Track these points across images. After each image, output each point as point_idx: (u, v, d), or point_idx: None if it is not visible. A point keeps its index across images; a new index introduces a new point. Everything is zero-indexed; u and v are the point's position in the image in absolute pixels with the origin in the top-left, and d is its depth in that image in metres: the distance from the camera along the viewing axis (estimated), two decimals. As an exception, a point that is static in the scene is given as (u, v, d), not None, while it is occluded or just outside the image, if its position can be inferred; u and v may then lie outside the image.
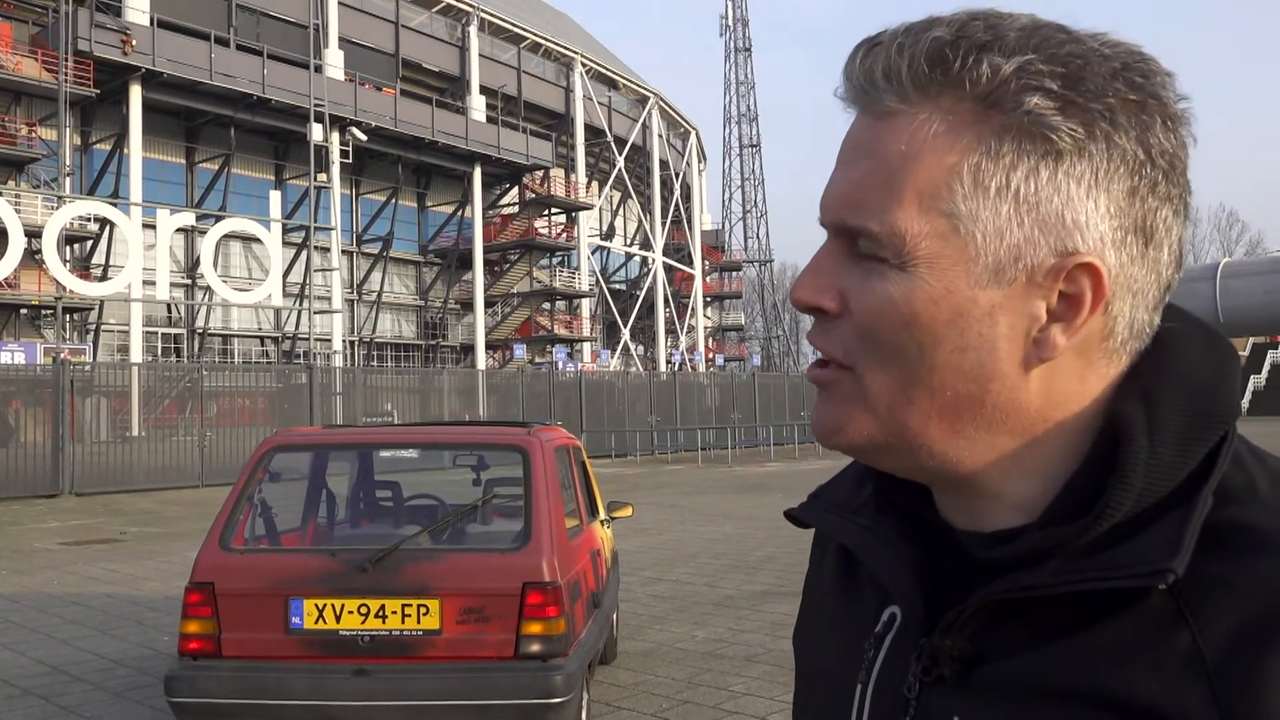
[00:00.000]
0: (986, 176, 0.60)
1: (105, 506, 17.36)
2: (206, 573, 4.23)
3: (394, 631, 4.14)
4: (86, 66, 31.42)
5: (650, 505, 15.62)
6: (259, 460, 4.61)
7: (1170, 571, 0.56)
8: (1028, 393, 0.62)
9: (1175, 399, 0.62)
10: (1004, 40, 0.60)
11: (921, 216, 0.61)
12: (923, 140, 0.61)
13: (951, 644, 0.64)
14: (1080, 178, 0.60)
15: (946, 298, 0.61)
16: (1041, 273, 0.60)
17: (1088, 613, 0.59)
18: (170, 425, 22.52)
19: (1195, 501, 0.58)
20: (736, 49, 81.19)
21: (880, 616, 0.72)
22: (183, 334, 39.18)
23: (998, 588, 0.62)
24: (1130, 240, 0.61)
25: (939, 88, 0.61)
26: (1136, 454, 0.60)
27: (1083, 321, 0.61)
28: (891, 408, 0.63)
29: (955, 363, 0.62)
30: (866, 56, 0.64)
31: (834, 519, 0.75)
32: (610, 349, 53.55)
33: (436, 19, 45.53)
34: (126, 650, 7.15)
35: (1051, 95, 0.59)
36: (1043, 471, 0.64)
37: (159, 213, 26.42)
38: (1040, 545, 0.61)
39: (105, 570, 10.72)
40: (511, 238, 48.35)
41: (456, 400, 28.36)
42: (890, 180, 0.62)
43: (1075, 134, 0.59)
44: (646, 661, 6.63)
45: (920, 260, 0.61)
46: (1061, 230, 0.60)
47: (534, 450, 4.54)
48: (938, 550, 0.69)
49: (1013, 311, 0.61)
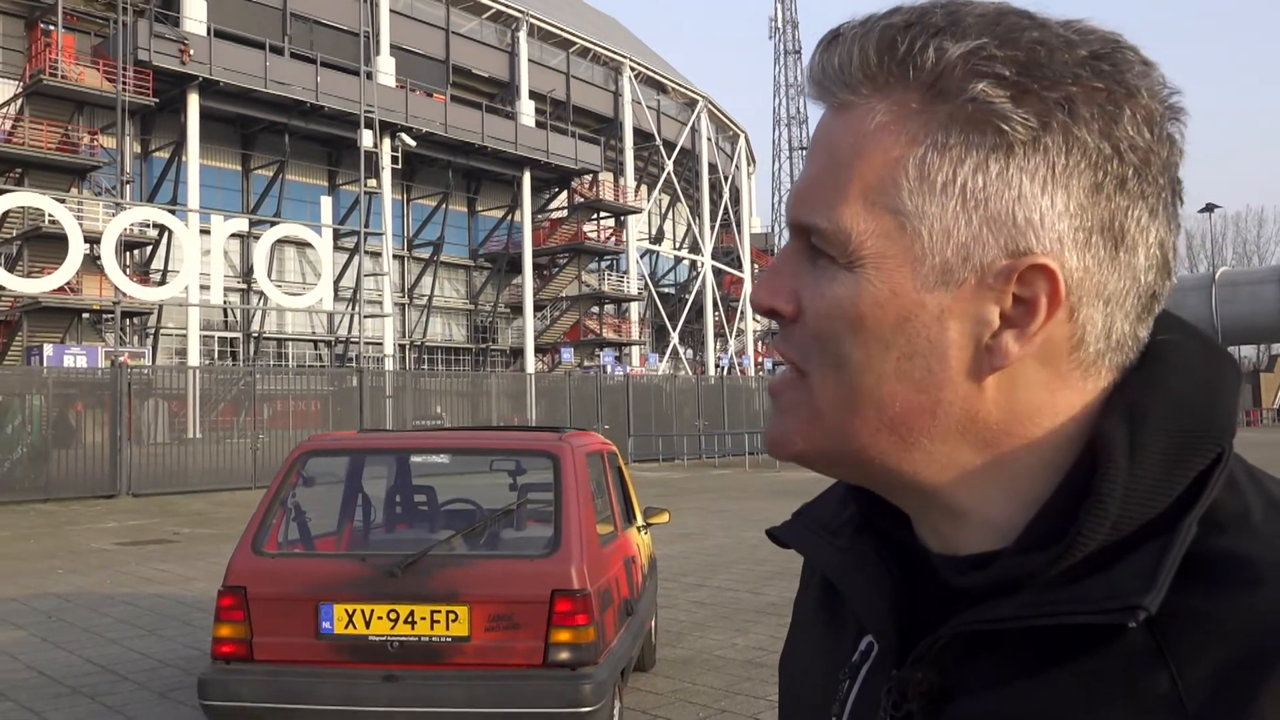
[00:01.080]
0: (933, 170, 0.56)
1: (161, 507, 17.71)
2: (239, 576, 4.25)
3: (423, 638, 4.13)
4: (146, 76, 32.14)
5: (695, 510, 15.55)
6: (292, 465, 4.63)
7: (1142, 609, 0.52)
8: (984, 403, 0.58)
9: (1162, 416, 0.57)
10: (960, 26, 0.56)
11: (867, 213, 0.57)
12: (868, 132, 0.57)
13: (921, 678, 0.59)
14: (1034, 172, 0.55)
15: (892, 300, 0.57)
16: (992, 274, 0.56)
17: (1063, 648, 0.55)
18: (225, 428, 22.93)
19: (1176, 530, 0.54)
20: (786, 51, 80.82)
21: (857, 645, 0.67)
22: (238, 338, 39.89)
23: (967, 619, 0.57)
24: (1096, 241, 0.56)
25: (888, 77, 0.57)
26: (1115, 476, 0.55)
27: (1038, 328, 0.56)
28: (840, 418, 0.59)
29: (904, 370, 0.58)
30: (827, 49, 0.60)
31: (814, 540, 0.71)
32: (659, 353, 53.51)
33: (486, 25, 45.90)
34: (173, 650, 7.25)
35: (1003, 82, 0.55)
36: (1017, 490, 0.59)
37: (214, 219, 26.99)
38: (1012, 573, 0.56)
39: (157, 570, 10.92)
40: (560, 242, 48.55)
41: (505, 403, 28.52)
42: (838, 175, 0.58)
43: (1028, 124, 0.55)
44: (685, 669, 6.57)
45: (866, 260, 0.57)
46: (1013, 229, 0.56)
47: (564, 456, 4.50)
48: (917, 576, 0.64)
49: (963, 316, 0.57)
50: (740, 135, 64.95)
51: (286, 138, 37.79)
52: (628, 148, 51.63)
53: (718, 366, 54.88)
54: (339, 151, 40.75)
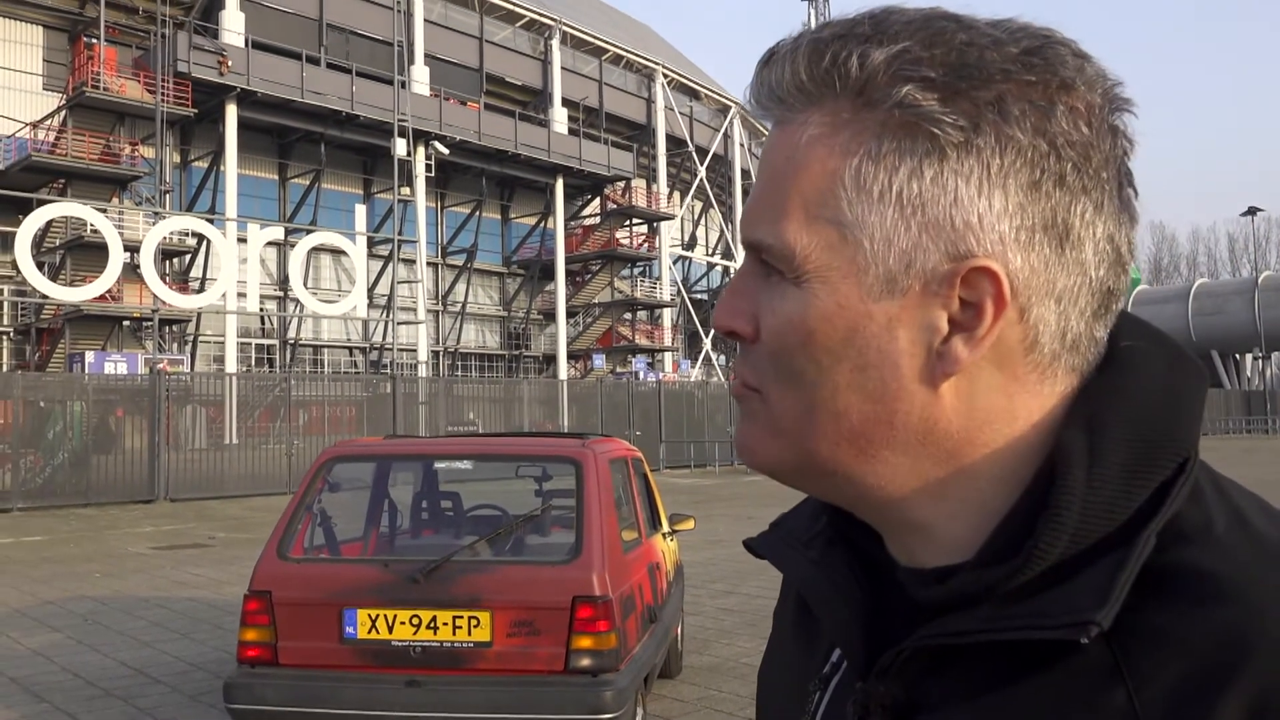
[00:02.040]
0: (868, 179, 0.56)
1: (197, 512, 17.93)
2: (264, 581, 4.30)
3: (445, 643, 4.14)
4: (185, 87, 32.67)
5: (725, 517, 15.50)
6: (317, 470, 4.68)
7: (1094, 624, 0.51)
8: (942, 411, 0.57)
9: (1123, 425, 0.56)
10: (886, 33, 0.56)
11: (809, 227, 0.57)
12: (804, 146, 0.57)
13: (885, 691, 0.58)
14: (969, 175, 0.55)
15: (840, 312, 0.57)
16: (936, 280, 0.56)
17: (1024, 663, 0.54)
18: (262, 434, 23.21)
19: (1133, 544, 0.53)
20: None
21: (830, 657, 0.67)
22: (275, 345, 40.36)
23: (926, 633, 0.57)
24: (1041, 239, 0.55)
25: (819, 89, 0.57)
26: (1072, 488, 0.54)
27: (985, 330, 0.56)
28: (799, 432, 0.59)
29: (858, 382, 0.57)
30: (764, 68, 0.60)
31: (786, 552, 0.70)
32: (691, 359, 53.46)
33: (520, 33, 46.18)
34: (205, 654, 7.34)
35: (930, 84, 0.54)
36: (978, 502, 0.58)
37: (250, 227, 27.31)
38: (971, 587, 0.56)
39: (191, 575, 11.05)
40: (593, 248, 48.68)
41: (538, 410, 28.59)
42: (779, 191, 0.58)
43: (958, 125, 0.54)
44: (711, 676, 6.54)
45: (811, 274, 0.57)
46: (952, 233, 0.55)
47: (587, 463, 4.51)
48: (886, 589, 0.63)
49: (911, 324, 0.56)
50: (773, 141, 64.76)
51: (322, 147, 38.25)
52: (660, 154, 51.68)
53: (751, 373, 54.64)
54: (374, 160, 41.14)
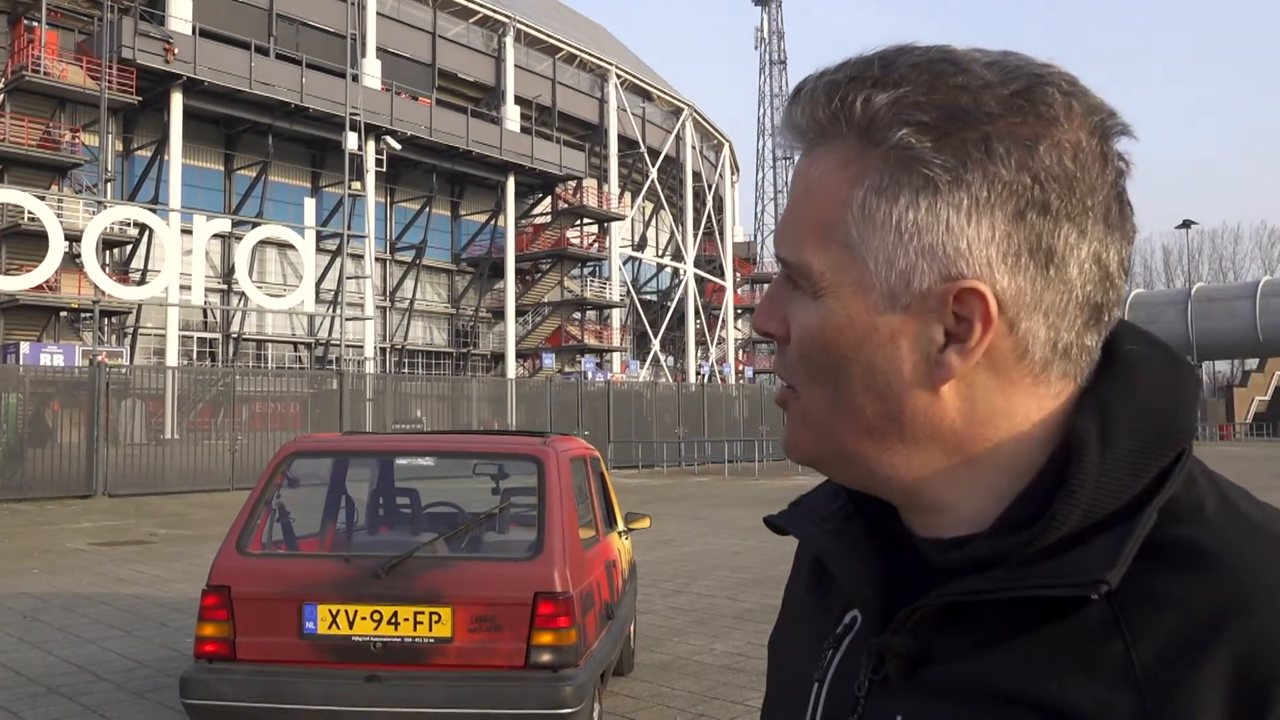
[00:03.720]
0: (872, 208, 0.63)
1: (137, 508, 17.59)
2: (223, 576, 4.27)
3: (406, 638, 4.16)
4: (129, 74, 31.99)
5: (674, 517, 15.60)
6: (277, 466, 4.66)
7: (1104, 582, 0.58)
8: (945, 410, 0.65)
9: (1130, 418, 0.63)
10: (891, 76, 0.63)
11: (823, 249, 0.65)
12: (821, 176, 0.65)
13: (898, 643, 0.66)
14: (959, 206, 0.61)
15: (850, 324, 0.65)
16: (932, 298, 0.63)
17: (1030, 620, 0.61)
18: (203, 429, 22.81)
19: (1139, 517, 0.60)
20: (771, 61, 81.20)
21: (843, 619, 0.74)
22: (218, 338, 39.68)
23: (944, 591, 0.64)
24: (1026, 262, 0.62)
25: (832, 126, 0.65)
26: (1086, 469, 0.61)
27: (975, 343, 0.63)
28: (826, 426, 0.68)
29: (868, 384, 0.65)
30: (792, 102, 0.68)
31: (807, 526, 0.78)
32: (640, 360, 53.57)
33: (473, 30, 45.93)
34: (150, 651, 7.24)
35: (924, 127, 0.61)
36: (987, 485, 0.66)
37: (196, 218, 26.86)
38: (989, 552, 0.63)
39: (133, 571, 10.86)
40: (543, 247, 48.57)
41: (486, 408, 28.48)
42: (799, 215, 0.67)
43: (947, 165, 0.61)
44: (663, 674, 6.61)
45: (826, 290, 0.65)
46: (944, 257, 0.62)
47: (549, 461, 4.55)
48: (901, 557, 0.71)
49: (911, 335, 0.64)
50: (724, 144, 65.17)
51: (270, 139, 37.67)
52: (612, 154, 51.72)
53: (698, 374, 54.99)
54: (323, 153, 40.64)
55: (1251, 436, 55.71)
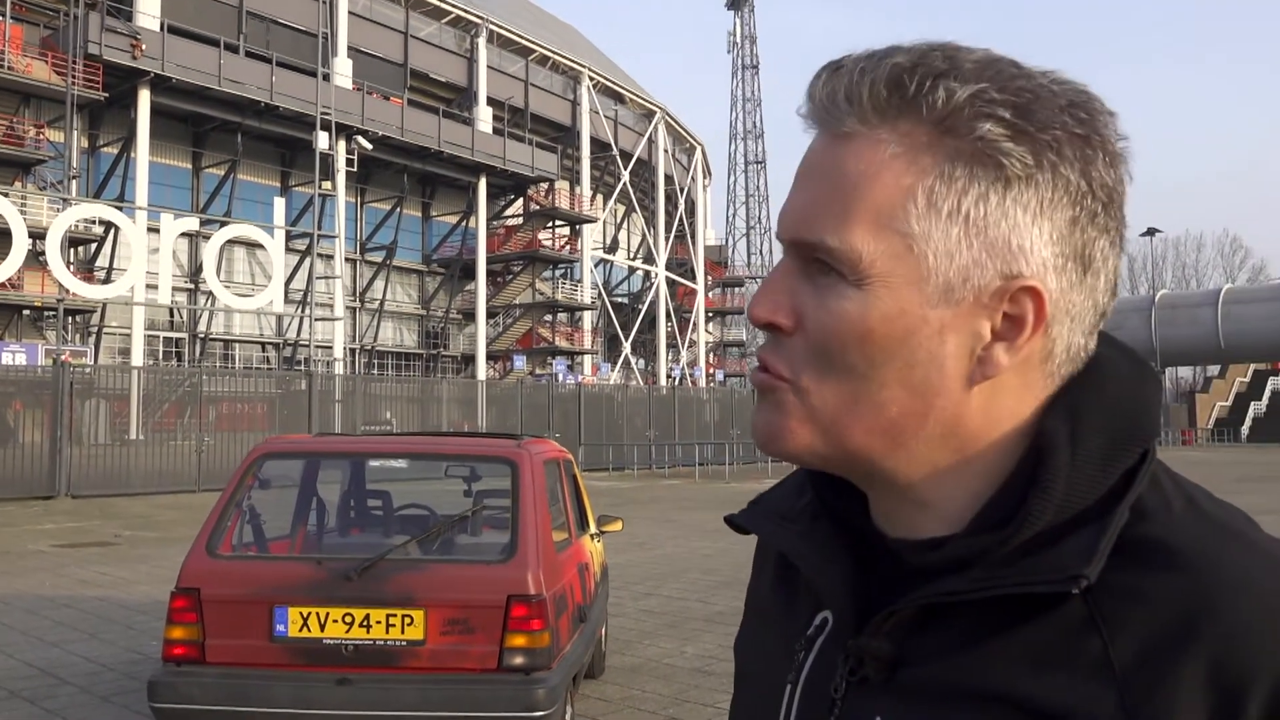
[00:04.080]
0: (939, 199, 0.62)
1: (101, 510, 17.36)
2: (192, 578, 4.23)
3: (377, 641, 4.14)
4: (96, 70, 31.58)
5: (645, 520, 15.61)
6: (249, 467, 4.62)
7: (1083, 577, 0.58)
8: (970, 410, 0.65)
9: (1098, 418, 0.65)
10: (960, 69, 0.62)
11: (877, 235, 0.63)
12: (880, 161, 0.63)
13: (878, 646, 0.66)
14: (1027, 205, 0.62)
15: (900, 316, 0.63)
16: (988, 294, 0.63)
17: (1007, 619, 0.62)
18: (169, 429, 22.54)
19: (1112, 515, 0.61)
20: (743, 65, 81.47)
21: (813, 620, 0.74)
22: (184, 338, 39.24)
23: (923, 593, 0.64)
24: (1070, 267, 0.64)
25: (897, 111, 0.63)
26: (1058, 467, 0.62)
27: (1024, 341, 0.63)
28: (836, 421, 0.65)
29: (904, 378, 0.64)
30: (830, 79, 0.65)
31: (772, 526, 0.78)
32: (611, 362, 53.56)
33: (445, 30, 45.76)
34: (115, 654, 7.15)
35: (1004, 123, 0.61)
36: (970, 486, 0.66)
37: (163, 217, 26.54)
38: (965, 552, 0.64)
39: (98, 573, 10.72)
40: (515, 249, 48.45)
41: (456, 410, 28.36)
42: (848, 198, 0.63)
43: (1025, 161, 0.61)
44: (634, 677, 6.62)
45: (876, 278, 0.63)
46: (1008, 254, 0.62)
47: (523, 463, 4.54)
48: (870, 557, 0.71)
49: (960, 330, 0.63)
50: (697, 148, 65.33)
51: (239, 137, 37.32)
52: (584, 157, 51.71)
53: (669, 377, 55.05)
54: (293, 152, 40.31)
55: (1213, 442, 56.58)
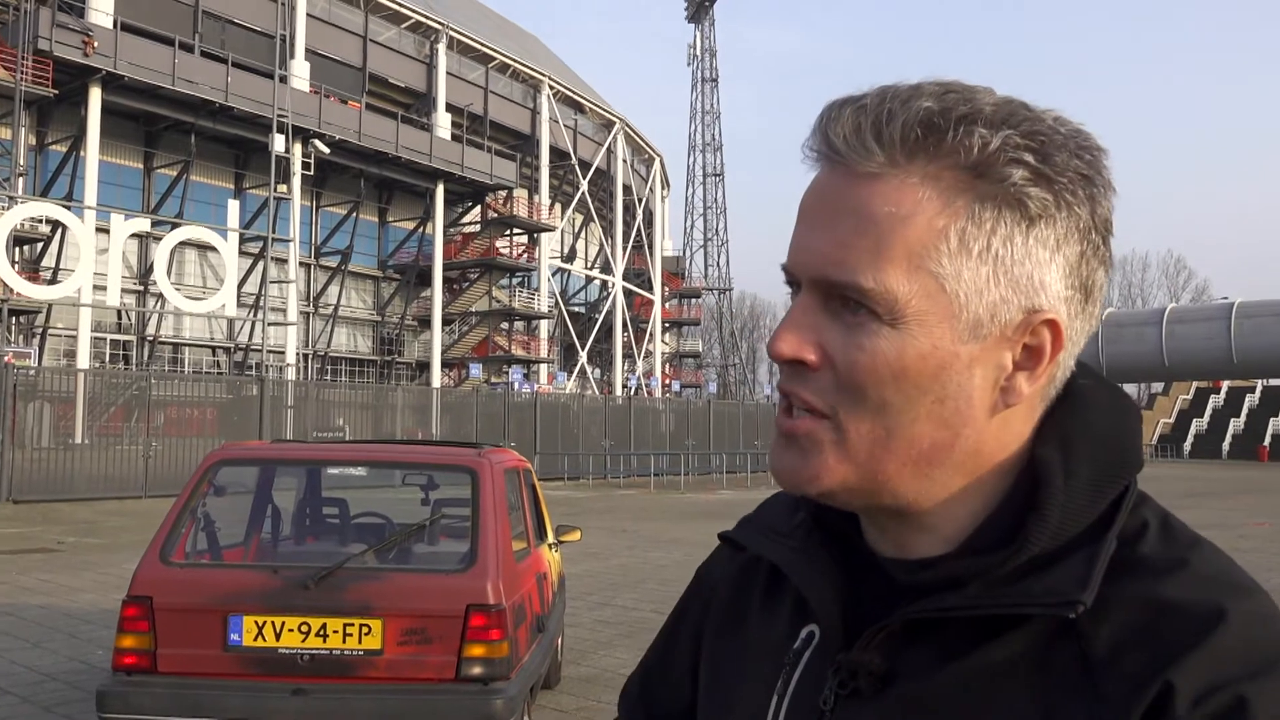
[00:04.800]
0: (970, 240, 0.65)
1: (44, 515, 16.96)
2: (145, 586, 4.16)
3: (334, 651, 4.09)
4: (45, 66, 30.96)
5: (600, 530, 15.58)
6: (204, 473, 4.55)
7: (1081, 603, 0.62)
8: (989, 436, 0.68)
9: (1087, 449, 0.68)
10: (983, 114, 0.65)
11: (911, 275, 0.65)
12: (914, 203, 0.65)
13: (870, 659, 0.68)
14: (1046, 242, 0.66)
15: (934, 353, 0.65)
16: (1012, 327, 0.66)
17: (990, 633, 0.65)
18: (115, 434, 22.08)
19: (1103, 542, 0.65)
20: (703, 79, 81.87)
21: (799, 634, 0.75)
22: (132, 341, 38.51)
23: (921, 607, 0.67)
24: (1076, 298, 0.68)
25: (928, 155, 0.65)
26: (1054, 496, 0.66)
27: (1043, 369, 0.67)
28: (871, 455, 0.67)
29: (936, 412, 0.67)
30: (854, 116, 0.66)
31: (767, 541, 0.80)
32: (567, 371, 53.46)
33: (405, 35, 45.50)
34: (58, 664, 6.99)
35: (1029, 168, 0.64)
36: (972, 508, 0.69)
37: (113, 217, 26.09)
38: (961, 572, 0.67)
39: (40, 581, 10.46)
40: (472, 256, 48.24)
41: (410, 417, 28.12)
42: (881, 239, 0.65)
43: (1045, 202, 0.65)
44: (589, 687, 6.60)
45: (911, 317, 0.65)
46: (1031, 289, 0.66)
47: (483, 472, 4.53)
48: (861, 574, 0.73)
49: (986, 363, 0.67)
50: (656, 159, 65.54)
51: (193, 137, 36.76)
52: (543, 165, 51.65)
53: (625, 387, 55.05)
54: (247, 154, 39.82)
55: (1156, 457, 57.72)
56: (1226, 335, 55.38)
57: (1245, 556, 13.11)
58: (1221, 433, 59.97)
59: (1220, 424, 61.18)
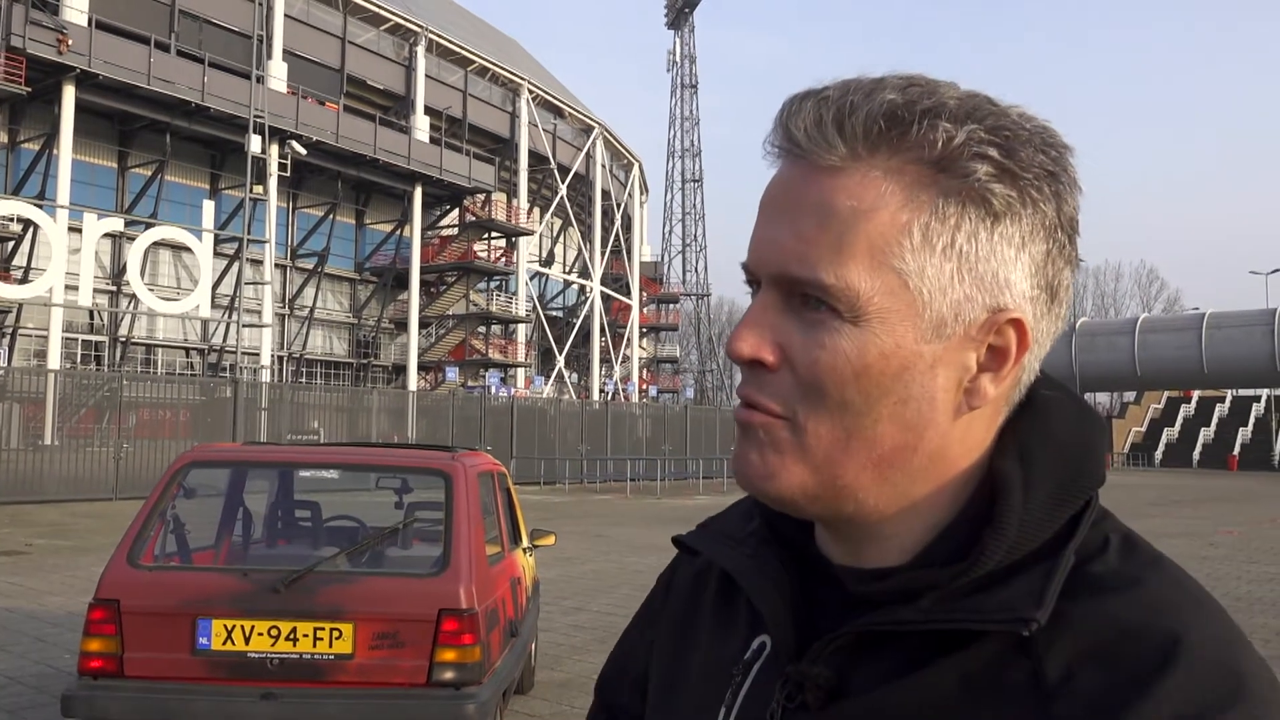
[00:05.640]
0: (934, 235, 0.63)
1: (12, 517, 16.75)
2: (112, 589, 4.11)
3: (304, 655, 4.06)
4: (19, 63, 30.64)
5: (575, 534, 15.55)
6: (174, 475, 4.50)
7: (1035, 621, 0.60)
8: (952, 440, 0.66)
9: (1047, 462, 0.66)
10: (947, 108, 0.63)
11: (874, 271, 0.63)
12: (876, 197, 0.63)
13: (818, 672, 0.67)
14: (1011, 239, 0.64)
15: (896, 352, 0.63)
16: (975, 327, 0.64)
17: (943, 648, 0.63)
18: (86, 435, 21.84)
19: (1059, 558, 0.63)
20: (683, 85, 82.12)
21: (750, 645, 0.74)
22: (104, 341, 38.11)
23: (872, 619, 0.65)
24: (1042, 298, 0.66)
25: (890, 148, 0.63)
26: (1012, 509, 0.64)
27: (1008, 371, 0.65)
28: (830, 458, 0.65)
29: (898, 413, 0.64)
30: (815, 109, 0.64)
31: (721, 547, 0.78)
32: (544, 376, 53.37)
33: (384, 37, 45.34)
34: (24, 668, 6.89)
35: (993, 163, 0.63)
36: (929, 516, 0.67)
37: (86, 216, 25.83)
38: (915, 584, 0.65)
39: (6, 583, 10.33)
40: (450, 259, 48.08)
41: (386, 421, 27.98)
42: (842, 234, 0.63)
43: (1010, 199, 0.63)
44: (563, 692, 6.58)
45: (873, 315, 0.63)
46: (995, 288, 0.64)
47: (457, 475, 4.50)
48: (814, 584, 0.72)
49: (950, 363, 0.65)
50: (634, 164, 65.61)
51: (168, 137, 36.47)
52: (522, 169, 51.57)
53: (602, 392, 55.03)
54: (223, 154, 39.53)
55: (1128, 466, 58.22)
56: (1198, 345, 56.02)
57: (1213, 565, 13.21)
58: (1192, 442, 60.54)
59: (1191, 433, 61.76)
